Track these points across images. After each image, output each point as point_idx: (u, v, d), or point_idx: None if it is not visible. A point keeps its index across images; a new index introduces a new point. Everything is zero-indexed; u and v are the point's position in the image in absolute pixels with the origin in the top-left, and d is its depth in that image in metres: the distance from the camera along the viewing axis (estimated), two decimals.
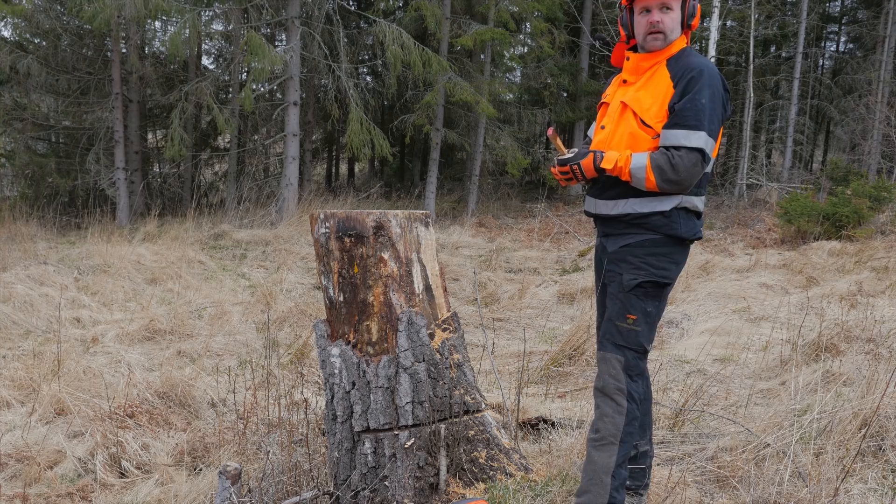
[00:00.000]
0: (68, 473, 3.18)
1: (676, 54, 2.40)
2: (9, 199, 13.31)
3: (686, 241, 2.43)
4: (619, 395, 2.39)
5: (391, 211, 2.56)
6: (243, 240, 10.57)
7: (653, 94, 2.36)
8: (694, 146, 2.24)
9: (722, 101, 2.32)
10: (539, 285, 7.90)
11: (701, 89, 2.27)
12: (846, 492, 2.65)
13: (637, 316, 2.39)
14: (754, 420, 3.36)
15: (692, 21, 2.41)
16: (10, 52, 11.91)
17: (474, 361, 4.32)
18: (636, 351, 2.40)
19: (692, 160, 2.25)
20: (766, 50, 19.93)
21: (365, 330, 2.53)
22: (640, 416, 2.44)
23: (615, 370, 2.40)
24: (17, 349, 5.17)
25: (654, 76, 2.39)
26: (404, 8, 15.05)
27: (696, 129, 2.24)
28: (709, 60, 2.40)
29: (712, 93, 2.28)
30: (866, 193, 10.60)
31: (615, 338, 2.42)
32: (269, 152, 16.08)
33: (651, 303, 2.40)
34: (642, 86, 2.41)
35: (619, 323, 2.41)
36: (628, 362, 2.39)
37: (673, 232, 2.36)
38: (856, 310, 5.71)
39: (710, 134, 2.26)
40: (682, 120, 2.26)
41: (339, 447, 2.56)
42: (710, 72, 2.30)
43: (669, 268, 2.40)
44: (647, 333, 2.41)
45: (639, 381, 2.42)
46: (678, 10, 2.38)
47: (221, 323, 5.85)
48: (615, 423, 2.38)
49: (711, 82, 2.29)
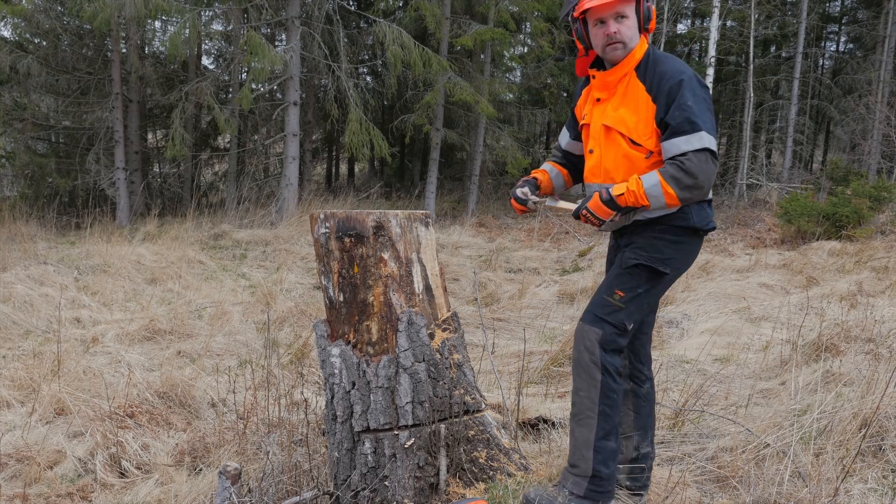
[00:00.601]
0: (68, 473, 3.18)
1: (642, 60, 2.36)
2: (9, 199, 13.31)
3: (699, 232, 2.40)
4: (593, 367, 2.37)
5: (391, 211, 2.57)
6: (243, 240, 10.57)
7: (633, 110, 2.32)
8: (699, 148, 2.21)
9: (704, 97, 2.29)
10: (539, 285, 7.90)
11: (682, 95, 2.24)
12: (846, 492, 2.65)
13: (625, 293, 2.37)
14: (754, 420, 3.36)
15: (648, 24, 2.37)
16: (10, 52, 11.91)
17: (474, 361, 4.32)
18: (615, 327, 2.37)
19: (703, 159, 2.21)
20: (766, 50, 19.93)
21: (365, 330, 2.53)
22: (619, 388, 2.41)
23: (590, 342, 2.37)
24: (17, 349, 5.17)
25: (628, 89, 2.35)
26: (404, 8, 15.04)
27: (694, 131, 2.21)
28: (675, 58, 2.37)
29: (694, 93, 2.25)
30: (866, 193, 10.60)
31: (597, 309, 2.40)
32: (269, 152, 16.08)
33: (644, 286, 2.37)
34: (619, 102, 2.37)
35: (605, 296, 2.40)
36: (605, 336, 2.36)
37: (685, 223, 2.34)
38: (856, 310, 5.71)
39: (709, 131, 2.23)
40: (679, 129, 2.23)
41: (339, 447, 2.56)
42: (685, 75, 2.27)
43: (675, 257, 2.37)
44: (631, 312, 2.38)
45: (615, 356, 2.39)
46: (633, 16, 2.33)
47: (221, 323, 5.85)
48: (590, 397, 2.38)
49: (689, 84, 2.25)
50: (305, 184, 15.13)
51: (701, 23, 19.90)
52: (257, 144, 15.46)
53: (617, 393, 2.41)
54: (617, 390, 2.40)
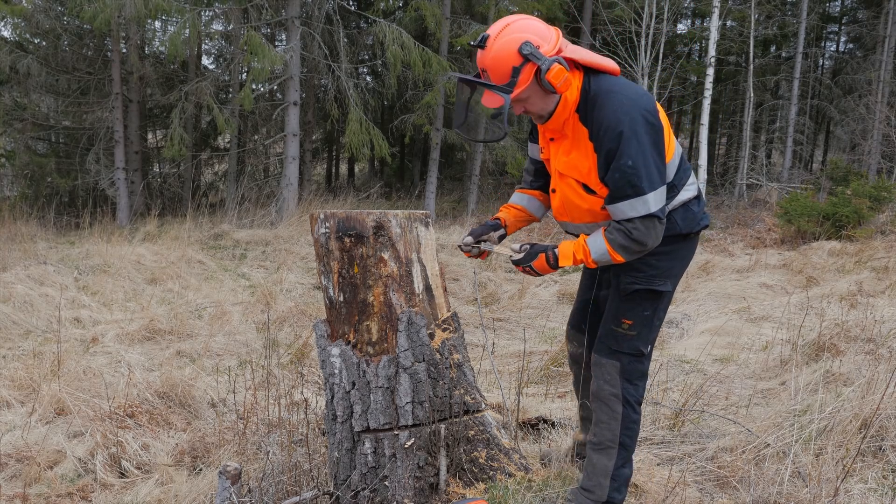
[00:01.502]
0: (68, 473, 3.18)
1: (580, 101, 2.15)
2: (9, 199, 13.31)
3: (690, 235, 2.34)
4: (613, 400, 2.37)
5: (391, 211, 2.56)
6: (243, 240, 10.57)
7: (584, 154, 2.17)
8: (644, 214, 2.09)
9: (651, 141, 2.08)
10: (539, 285, 7.89)
11: (622, 154, 2.05)
12: (846, 492, 2.65)
13: (633, 321, 2.33)
14: (754, 420, 3.36)
15: (559, 85, 2.07)
16: (10, 52, 11.91)
17: (474, 361, 4.32)
18: (632, 355, 2.35)
19: (649, 225, 2.11)
20: (766, 50, 19.94)
21: (365, 330, 2.52)
22: (638, 418, 2.42)
23: (610, 375, 2.36)
24: (17, 349, 5.17)
25: (575, 132, 2.19)
26: (404, 8, 15.04)
27: (638, 195, 2.07)
28: (617, 95, 2.10)
29: (638, 143, 2.05)
30: (866, 193, 10.60)
31: (610, 342, 2.37)
32: (269, 152, 16.08)
33: (648, 308, 2.33)
34: (571, 145, 2.21)
35: (613, 326, 2.37)
36: (624, 367, 2.35)
37: (672, 232, 2.28)
38: (856, 310, 5.71)
39: (654, 186, 2.08)
40: (620, 192, 2.09)
41: (339, 447, 2.56)
42: (625, 124, 2.05)
43: (672, 265, 2.32)
44: (644, 337, 2.35)
45: (639, 384, 2.39)
46: (534, 88, 2.10)
47: (221, 323, 5.85)
48: (611, 429, 2.38)
49: (630, 135, 2.05)
50: (305, 184, 15.13)
51: (701, 23, 19.90)
52: (257, 144, 15.45)
53: (637, 423, 2.40)
54: (637, 420, 2.40)
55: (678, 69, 15.65)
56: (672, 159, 2.23)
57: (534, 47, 2.05)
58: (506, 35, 2.08)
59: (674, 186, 2.26)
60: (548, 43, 2.09)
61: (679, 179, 2.28)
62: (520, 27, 2.10)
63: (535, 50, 2.05)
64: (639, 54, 13.84)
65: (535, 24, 2.12)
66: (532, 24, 2.12)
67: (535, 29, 2.10)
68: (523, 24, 2.11)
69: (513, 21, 2.12)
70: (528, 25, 2.10)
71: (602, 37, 17.75)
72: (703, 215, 2.36)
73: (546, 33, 2.11)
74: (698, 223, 2.34)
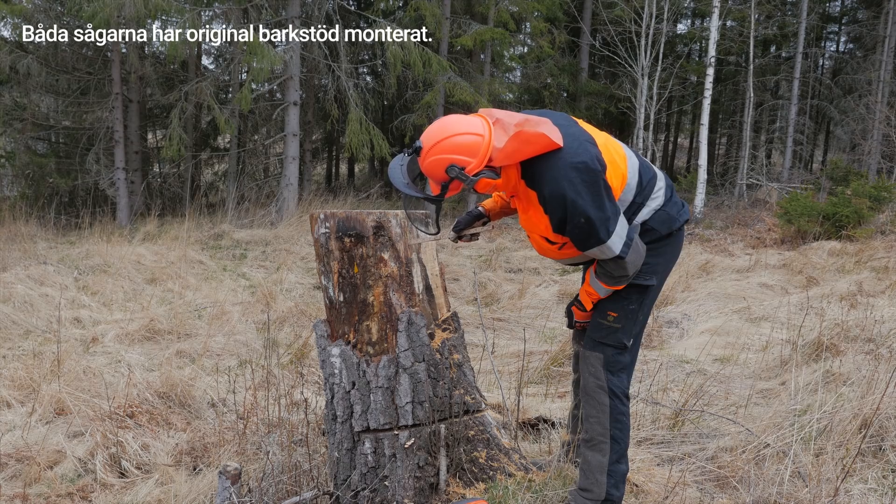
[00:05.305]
0: (68, 473, 3.18)
1: (522, 171, 2.23)
2: (9, 199, 13.30)
3: (672, 233, 2.38)
4: (600, 392, 2.41)
5: (391, 211, 2.57)
6: (243, 240, 10.57)
7: (540, 213, 2.25)
8: (610, 258, 2.23)
9: (594, 192, 2.13)
10: (539, 285, 7.89)
11: (573, 215, 2.13)
12: (846, 492, 2.65)
13: (617, 313, 2.40)
14: (754, 420, 3.36)
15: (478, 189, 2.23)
16: (10, 52, 11.90)
17: (474, 361, 4.32)
18: (615, 347, 2.41)
19: (620, 264, 2.24)
20: (766, 50, 19.94)
21: (365, 330, 2.52)
22: (626, 410, 2.44)
23: (594, 367, 2.42)
24: (17, 349, 5.17)
25: (527, 194, 2.26)
26: (404, 8, 15.04)
27: (600, 243, 2.18)
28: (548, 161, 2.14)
29: (583, 203, 2.11)
30: (866, 193, 10.60)
31: (595, 334, 2.44)
32: (269, 152, 16.07)
33: (634, 302, 2.40)
34: (527, 205, 2.29)
35: (600, 319, 2.43)
36: (607, 359, 2.41)
37: (653, 237, 2.35)
38: (856, 310, 5.71)
39: (611, 230, 2.17)
40: (584, 244, 2.21)
41: (339, 447, 2.56)
42: (566, 189, 2.11)
43: (657, 261, 2.37)
44: (628, 330, 2.41)
45: (622, 376, 2.43)
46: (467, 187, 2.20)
47: (221, 323, 5.84)
48: (601, 423, 2.42)
49: (575, 197, 2.11)
50: (305, 184, 15.13)
51: (701, 23, 19.92)
52: (257, 144, 15.44)
53: (626, 415, 2.44)
54: (625, 413, 2.43)
55: (678, 69, 15.66)
56: (627, 182, 2.27)
57: (459, 169, 2.15)
58: (434, 154, 2.17)
59: (638, 205, 2.32)
60: (475, 157, 2.15)
61: (642, 196, 2.32)
62: (448, 147, 2.15)
63: (460, 172, 2.15)
64: (639, 54, 13.85)
65: (462, 141, 2.15)
66: (459, 141, 2.15)
67: (463, 147, 2.15)
68: (450, 144, 2.15)
69: (441, 138, 2.16)
70: (455, 144, 2.14)
71: (602, 37, 17.75)
72: (680, 212, 2.40)
73: (474, 148, 2.15)
74: (677, 220, 2.39)
